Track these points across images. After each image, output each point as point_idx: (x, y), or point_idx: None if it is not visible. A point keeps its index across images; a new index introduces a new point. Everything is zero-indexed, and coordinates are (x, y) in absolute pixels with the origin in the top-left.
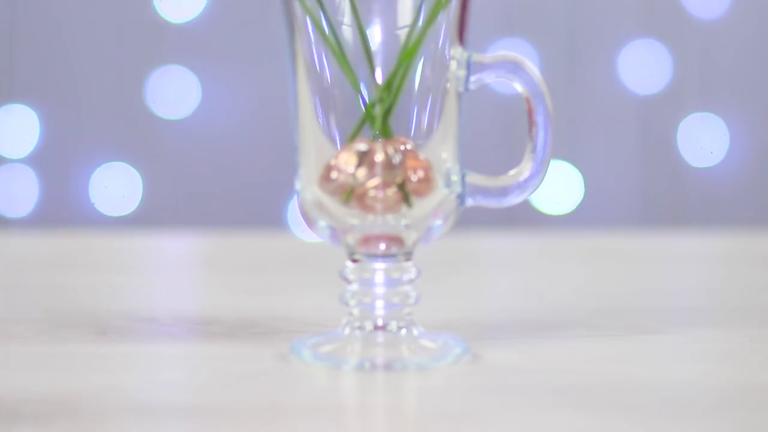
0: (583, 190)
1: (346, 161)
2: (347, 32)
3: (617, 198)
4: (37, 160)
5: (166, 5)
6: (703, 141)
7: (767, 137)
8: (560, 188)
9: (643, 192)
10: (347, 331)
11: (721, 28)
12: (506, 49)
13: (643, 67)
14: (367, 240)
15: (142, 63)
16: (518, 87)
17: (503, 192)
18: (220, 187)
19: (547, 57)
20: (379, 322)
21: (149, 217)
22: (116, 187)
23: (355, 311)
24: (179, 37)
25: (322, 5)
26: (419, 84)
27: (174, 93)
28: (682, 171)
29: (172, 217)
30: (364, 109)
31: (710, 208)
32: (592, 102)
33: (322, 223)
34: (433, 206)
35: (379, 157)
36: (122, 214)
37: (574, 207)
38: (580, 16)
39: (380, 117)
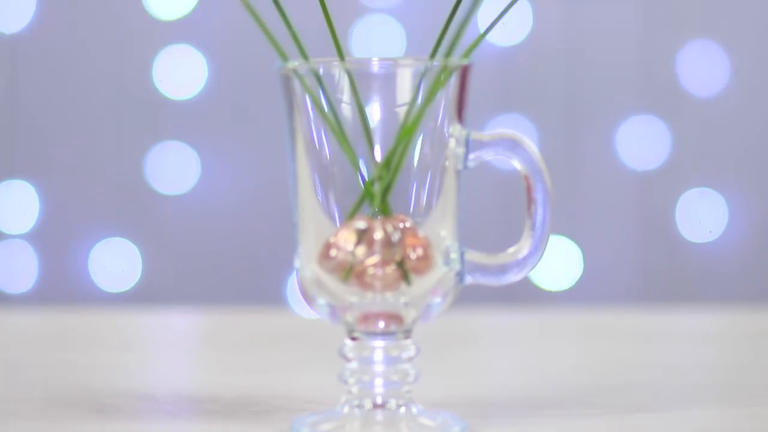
0: (582, 265)
1: (345, 239)
2: (346, 110)
3: (616, 273)
4: (36, 235)
5: (167, 83)
6: (702, 216)
7: (766, 213)
8: (559, 263)
9: (643, 267)
10: (346, 409)
11: (719, 104)
12: (505, 125)
13: (642, 142)
14: (366, 318)
15: (141, 138)
16: (517, 165)
17: (502, 270)
18: (220, 263)
19: (546, 132)
20: (378, 400)
21: (149, 293)
22: (115, 262)
23: (354, 389)
24: (179, 114)
25: (321, 83)
26: (418, 161)
27: (173, 168)
28: (681, 247)
29: (171, 292)
30: (363, 186)
31: (709, 284)
32: (591, 177)
33: (322, 300)
34: (432, 284)
35: (378, 235)
36: (122, 290)
37: (573, 282)
38: (578, 91)
39: (379, 194)
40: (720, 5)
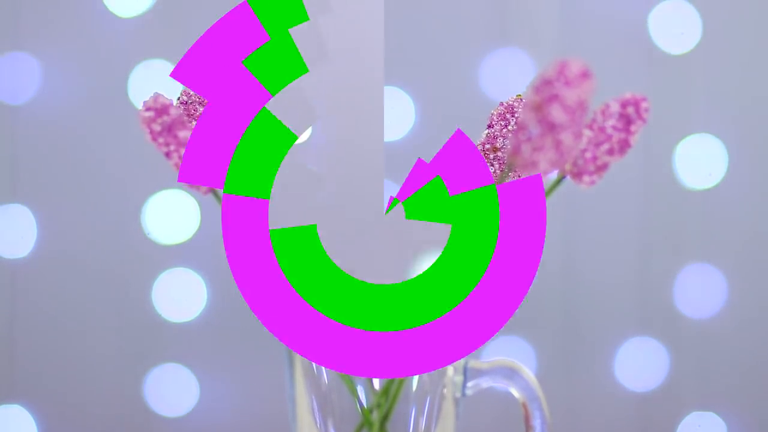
0: None
1: None
2: None
3: None
4: None
5: (168, 307)
6: None
7: None
8: None
9: None
10: None
11: (716, 326)
12: (503, 347)
13: (640, 364)
14: None
15: (140, 361)
16: (515, 392)
17: None
18: None
19: (544, 355)
20: None
21: None
22: None
23: None
24: (178, 336)
25: None
26: (416, 389)
27: (172, 391)
28: None
29: None
30: (361, 413)
31: None
32: (589, 398)
33: None
34: None
35: None
36: None
37: None
38: (576, 314)
39: (378, 422)
40: (717, 230)
